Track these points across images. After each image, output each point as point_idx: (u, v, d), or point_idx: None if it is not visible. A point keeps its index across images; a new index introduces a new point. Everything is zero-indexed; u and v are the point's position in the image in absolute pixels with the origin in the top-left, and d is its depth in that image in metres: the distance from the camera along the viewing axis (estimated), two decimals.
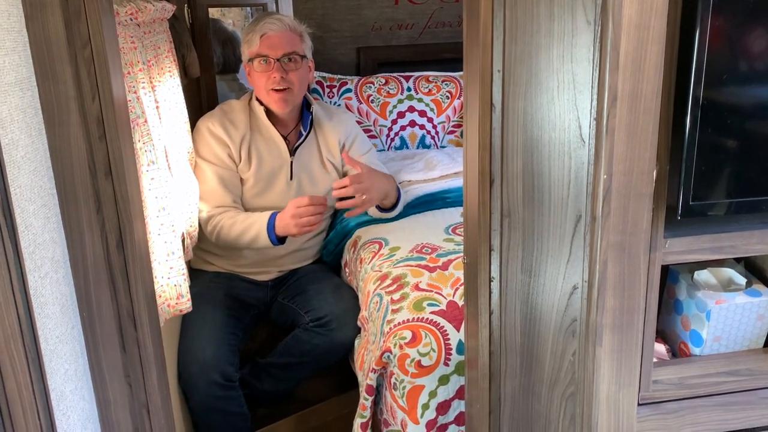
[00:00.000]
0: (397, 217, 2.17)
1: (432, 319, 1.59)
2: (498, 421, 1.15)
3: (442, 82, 2.84)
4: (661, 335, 1.18)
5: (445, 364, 1.52)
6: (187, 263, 1.77)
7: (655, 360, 1.07)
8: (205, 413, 1.88)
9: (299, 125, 2.16)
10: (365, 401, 1.62)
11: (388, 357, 1.56)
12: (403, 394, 1.53)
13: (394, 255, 1.90)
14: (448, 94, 2.82)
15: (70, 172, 1.04)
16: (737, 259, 1.17)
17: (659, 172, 0.94)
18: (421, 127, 2.78)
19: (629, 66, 0.86)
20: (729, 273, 1.14)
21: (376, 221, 2.15)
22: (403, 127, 2.77)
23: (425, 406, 1.51)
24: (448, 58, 3.07)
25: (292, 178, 2.11)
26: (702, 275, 1.13)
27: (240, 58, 3.05)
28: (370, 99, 2.76)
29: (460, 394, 1.53)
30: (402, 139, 2.78)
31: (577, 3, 0.89)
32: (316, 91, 2.73)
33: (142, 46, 1.45)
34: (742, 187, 0.96)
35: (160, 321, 1.33)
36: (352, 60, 3.16)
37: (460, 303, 1.62)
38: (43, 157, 1.01)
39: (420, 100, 2.79)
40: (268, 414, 2.10)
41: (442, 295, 1.66)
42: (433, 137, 2.80)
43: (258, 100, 2.10)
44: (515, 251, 1.05)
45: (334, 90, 2.75)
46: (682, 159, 0.92)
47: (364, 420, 1.63)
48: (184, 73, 2.14)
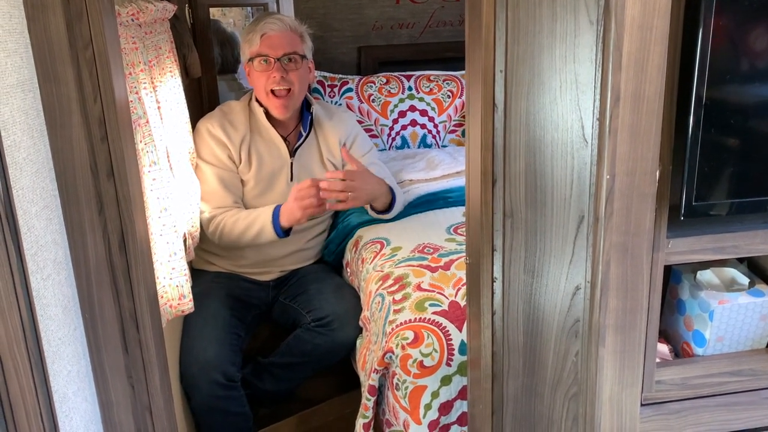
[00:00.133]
0: (398, 216, 2.16)
1: (434, 320, 1.59)
2: (501, 421, 1.15)
3: (444, 81, 2.84)
4: (664, 335, 1.18)
5: (448, 365, 1.52)
6: (189, 264, 1.77)
7: (658, 360, 1.07)
8: (207, 413, 1.88)
9: (299, 126, 2.15)
10: (367, 401, 1.62)
11: (391, 357, 1.55)
12: (406, 394, 1.52)
13: (396, 255, 1.90)
14: (449, 94, 2.81)
15: (72, 173, 1.04)
16: (740, 259, 1.16)
17: (662, 173, 0.93)
18: (423, 126, 2.78)
19: (632, 66, 0.86)
20: (732, 273, 1.14)
21: (378, 221, 2.15)
22: (404, 127, 2.77)
23: (428, 407, 1.51)
24: (450, 57, 3.07)
25: (292, 180, 2.11)
26: (705, 275, 1.13)
27: (238, 59, 3.06)
28: (371, 98, 2.76)
29: (462, 394, 1.52)
30: (403, 138, 2.78)
31: (579, 3, 0.89)
32: (317, 90, 2.73)
33: (143, 47, 1.45)
34: (745, 187, 0.96)
35: (162, 322, 1.33)
36: (353, 59, 3.16)
37: (462, 303, 1.62)
38: (45, 159, 1.01)
39: (421, 100, 2.79)
40: (270, 414, 2.10)
41: (444, 296, 1.66)
42: (434, 136, 2.80)
43: (258, 101, 2.10)
44: (518, 251, 1.05)
45: (335, 89, 2.75)
46: (685, 159, 0.92)
47: (367, 420, 1.63)
48: (186, 73, 2.14)
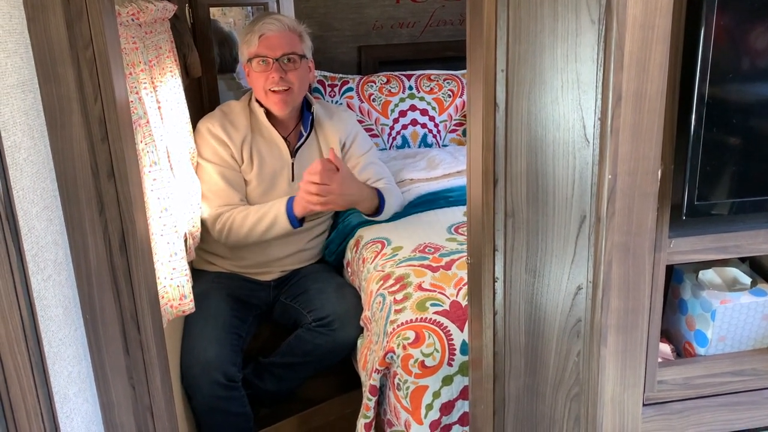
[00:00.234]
0: (398, 216, 2.16)
1: (435, 320, 1.58)
2: (502, 421, 1.15)
3: (444, 80, 2.84)
4: (666, 335, 1.18)
5: (449, 365, 1.52)
6: (190, 264, 1.77)
7: (659, 360, 1.07)
8: (208, 413, 1.88)
9: (299, 126, 2.15)
10: (369, 401, 1.62)
11: (392, 357, 1.55)
12: (407, 394, 1.52)
13: (397, 255, 1.90)
14: (449, 93, 2.81)
15: (72, 173, 1.04)
16: (742, 259, 1.16)
17: (664, 172, 0.93)
18: (423, 125, 2.78)
19: (634, 65, 0.86)
20: (734, 273, 1.13)
21: (378, 221, 2.15)
22: (404, 126, 2.77)
23: (429, 407, 1.51)
24: (450, 56, 3.07)
25: (293, 180, 2.10)
26: (707, 275, 1.13)
27: (236, 58, 3.06)
28: (372, 98, 2.75)
29: (463, 394, 1.52)
30: (404, 137, 2.78)
31: (581, 2, 0.88)
32: (317, 90, 2.73)
33: (143, 47, 1.44)
34: (747, 187, 0.96)
35: (163, 322, 1.33)
36: (354, 59, 3.16)
37: (464, 303, 1.62)
38: (46, 159, 1.01)
39: (422, 99, 2.78)
40: (271, 414, 2.10)
41: (446, 295, 1.66)
42: (435, 136, 2.80)
43: (258, 101, 2.09)
44: (519, 251, 1.05)
45: (336, 89, 2.75)
46: (686, 158, 0.92)
47: (368, 420, 1.63)
48: (186, 73, 2.14)
